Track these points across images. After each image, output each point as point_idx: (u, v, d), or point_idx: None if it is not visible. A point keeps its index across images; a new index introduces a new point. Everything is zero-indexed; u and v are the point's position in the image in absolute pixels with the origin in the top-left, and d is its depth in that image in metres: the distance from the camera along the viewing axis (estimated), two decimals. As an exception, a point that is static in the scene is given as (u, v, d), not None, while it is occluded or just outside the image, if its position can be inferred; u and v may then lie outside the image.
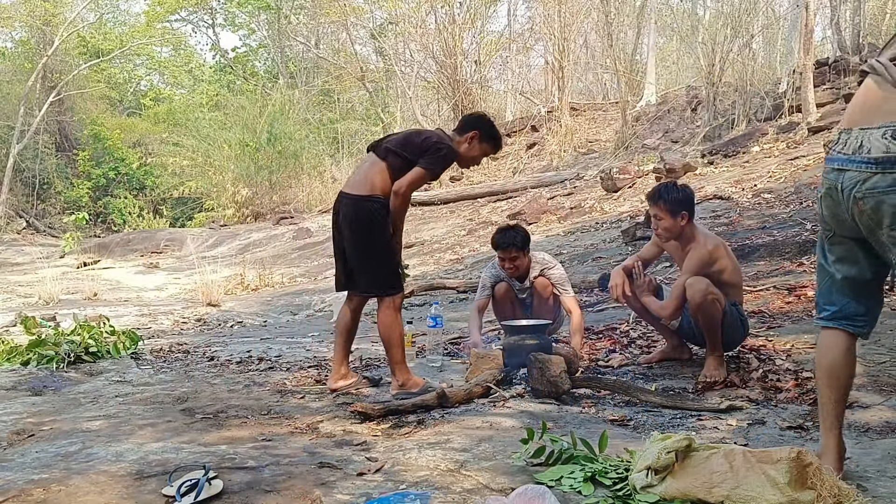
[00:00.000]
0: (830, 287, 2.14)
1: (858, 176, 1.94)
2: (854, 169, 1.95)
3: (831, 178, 2.02)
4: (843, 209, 2.00)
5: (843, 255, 2.10)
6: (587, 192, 13.09)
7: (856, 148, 1.95)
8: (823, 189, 2.07)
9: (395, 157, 3.31)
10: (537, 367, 3.29)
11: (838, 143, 2.03)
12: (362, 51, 24.33)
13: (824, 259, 2.15)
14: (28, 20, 25.25)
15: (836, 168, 2.01)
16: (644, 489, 1.97)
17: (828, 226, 2.10)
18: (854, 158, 1.95)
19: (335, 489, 2.10)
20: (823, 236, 2.15)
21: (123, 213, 23.80)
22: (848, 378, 2.15)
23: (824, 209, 2.08)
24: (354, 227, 3.30)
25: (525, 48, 21.91)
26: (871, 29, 15.66)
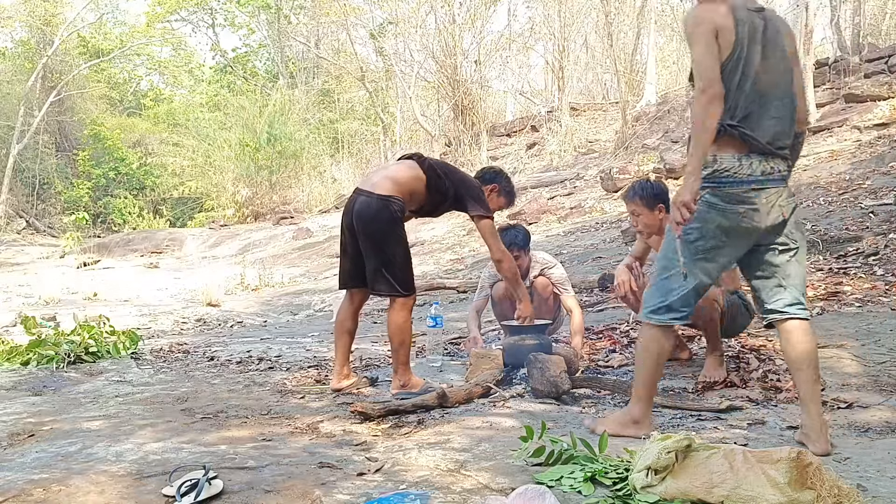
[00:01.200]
0: (693, 292, 2.53)
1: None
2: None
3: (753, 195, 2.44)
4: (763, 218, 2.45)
5: (725, 262, 2.55)
6: (587, 192, 13.10)
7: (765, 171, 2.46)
8: (745, 207, 2.44)
9: (437, 177, 3.42)
10: (537, 367, 3.29)
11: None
12: (362, 51, 24.33)
13: (698, 266, 2.51)
14: (28, 20, 25.26)
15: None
16: (644, 489, 1.97)
17: (722, 238, 2.49)
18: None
19: (335, 489, 2.10)
20: (709, 246, 2.49)
21: (123, 213, 23.79)
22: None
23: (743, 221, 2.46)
24: (374, 225, 3.29)
25: (525, 48, 21.89)
26: (871, 29, 15.67)
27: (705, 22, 2.44)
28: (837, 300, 4.59)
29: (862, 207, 6.84)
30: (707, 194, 2.47)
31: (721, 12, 2.45)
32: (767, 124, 2.45)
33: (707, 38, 2.42)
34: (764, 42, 2.47)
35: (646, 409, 2.64)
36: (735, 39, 2.43)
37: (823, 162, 9.66)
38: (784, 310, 2.52)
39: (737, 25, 2.44)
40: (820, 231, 6.36)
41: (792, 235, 2.52)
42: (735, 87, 2.43)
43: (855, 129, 10.73)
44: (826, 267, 5.45)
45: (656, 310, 2.58)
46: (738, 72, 2.43)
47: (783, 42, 2.52)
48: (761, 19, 2.49)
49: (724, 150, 2.44)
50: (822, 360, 3.45)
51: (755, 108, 2.45)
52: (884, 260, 5.30)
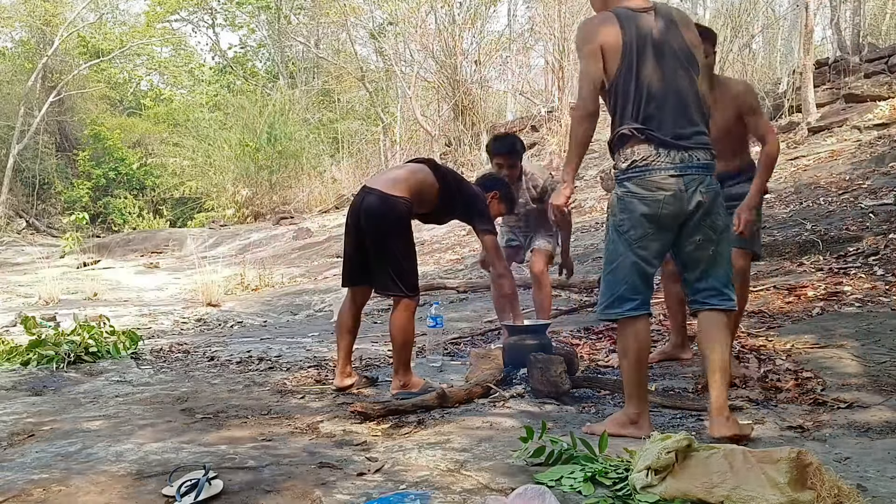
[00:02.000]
0: (639, 279, 2.60)
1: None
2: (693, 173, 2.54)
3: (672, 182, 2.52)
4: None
5: (659, 249, 2.61)
6: (587, 192, 13.09)
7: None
8: (664, 193, 2.52)
9: (449, 185, 3.49)
10: (537, 367, 3.29)
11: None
12: (362, 51, 24.29)
13: (635, 255, 2.59)
14: (28, 20, 25.22)
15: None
16: (644, 489, 1.97)
17: (648, 226, 2.57)
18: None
19: (335, 489, 2.10)
20: (639, 234, 2.57)
21: (123, 214, 23.77)
22: (648, 355, 2.76)
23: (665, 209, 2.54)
24: (381, 224, 3.30)
25: (525, 48, 21.88)
26: (871, 29, 15.66)
27: (589, 41, 2.59)
28: (837, 300, 4.59)
29: (862, 207, 6.84)
30: (628, 184, 2.57)
31: (606, 28, 2.57)
32: (671, 120, 2.53)
33: (589, 57, 2.59)
34: (656, 40, 2.55)
35: (640, 407, 2.64)
36: (623, 51, 2.53)
37: (823, 162, 9.65)
38: (707, 301, 2.62)
39: (623, 36, 2.53)
40: (820, 231, 6.36)
41: (714, 226, 2.58)
42: (632, 92, 2.55)
43: (855, 129, 10.72)
44: (826, 267, 5.45)
45: (609, 304, 2.65)
46: (631, 78, 2.54)
47: (678, 33, 2.59)
48: (651, 17, 2.57)
49: (639, 144, 2.54)
50: (823, 359, 3.47)
51: (654, 108, 2.54)
52: (884, 260, 5.30)
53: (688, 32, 2.64)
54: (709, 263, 2.61)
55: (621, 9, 2.60)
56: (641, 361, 2.65)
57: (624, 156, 2.58)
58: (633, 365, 2.64)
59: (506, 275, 3.65)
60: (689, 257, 2.63)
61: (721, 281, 2.62)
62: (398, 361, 3.34)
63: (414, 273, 3.38)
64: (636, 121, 2.55)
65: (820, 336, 3.88)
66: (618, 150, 2.62)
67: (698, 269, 2.62)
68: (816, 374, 3.29)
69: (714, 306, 2.61)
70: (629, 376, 2.66)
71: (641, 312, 2.63)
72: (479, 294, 7.20)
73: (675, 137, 2.52)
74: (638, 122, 2.54)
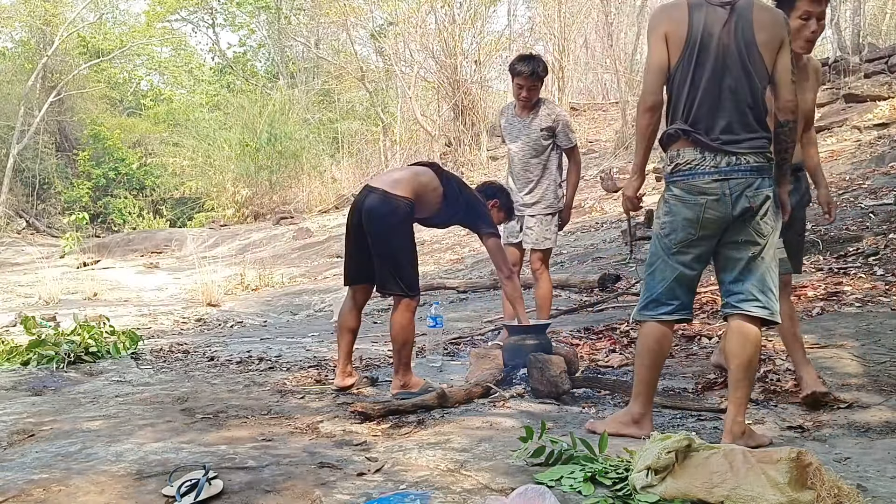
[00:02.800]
0: (677, 285, 2.55)
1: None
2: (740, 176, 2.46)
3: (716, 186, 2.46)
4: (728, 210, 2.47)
5: (700, 253, 2.54)
6: (587, 192, 13.08)
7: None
8: (707, 198, 2.46)
9: (454, 189, 3.51)
10: (537, 367, 3.29)
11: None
12: (362, 51, 24.29)
13: (675, 259, 2.55)
14: (28, 20, 25.22)
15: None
16: (644, 489, 1.97)
17: (690, 230, 2.51)
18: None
19: (335, 489, 2.10)
20: (680, 238, 2.52)
21: (123, 214, 23.76)
22: (666, 357, 2.75)
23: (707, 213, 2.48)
24: (383, 223, 3.30)
25: (525, 48, 21.87)
26: (871, 29, 15.66)
27: (656, 28, 2.53)
28: (837, 300, 4.59)
29: (862, 207, 6.84)
30: (673, 188, 2.52)
31: (674, 15, 2.49)
32: (723, 124, 2.45)
33: (654, 47, 2.52)
34: (722, 37, 2.44)
35: (645, 408, 2.63)
36: (686, 42, 2.46)
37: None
38: (737, 305, 2.51)
39: (690, 26, 2.45)
40: (820, 231, 6.36)
41: (760, 230, 2.48)
42: (686, 90, 2.48)
43: (855, 129, 10.72)
44: (826, 267, 5.45)
45: (645, 306, 2.62)
46: (688, 75, 2.47)
47: (750, 32, 2.46)
48: (725, 12, 2.46)
49: (685, 147, 2.49)
50: (822, 359, 3.47)
51: (706, 110, 2.46)
52: (884, 260, 5.30)
53: (763, 33, 2.46)
54: (747, 266, 2.50)
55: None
56: (657, 365, 2.63)
57: (670, 157, 2.53)
58: (648, 367, 2.62)
59: (511, 277, 3.67)
60: (727, 257, 2.54)
61: (758, 287, 2.49)
62: (398, 361, 3.34)
63: (415, 272, 3.38)
64: (686, 121, 2.48)
65: (820, 336, 3.88)
66: (666, 149, 2.56)
67: (735, 270, 2.52)
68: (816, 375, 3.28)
69: (747, 311, 2.48)
70: (641, 376, 2.64)
71: (676, 318, 2.58)
72: (479, 294, 7.20)
73: (724, 143, 2.44)
74: (687, 124, 2.48)
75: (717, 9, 2.46)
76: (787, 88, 2.52)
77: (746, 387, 2.49)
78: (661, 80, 2.52)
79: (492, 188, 4.01)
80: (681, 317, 2.60)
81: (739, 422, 2.46)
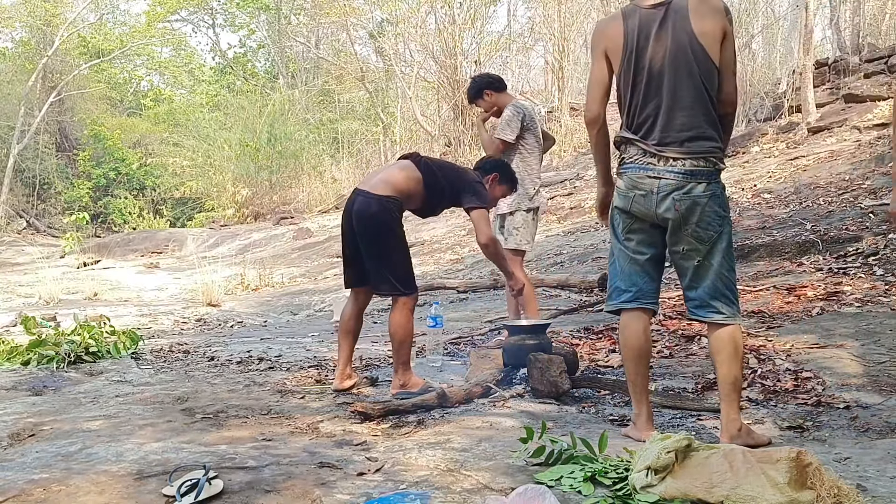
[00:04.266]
0: (632, 270, 2.59)
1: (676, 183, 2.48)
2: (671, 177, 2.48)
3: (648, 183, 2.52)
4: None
5: (643, 239, 2.58)
6: (587, 192, 13.08)
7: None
8: (637, 192, 2.53)
9: (432, 174, 3.46)
10: (537, 367, 3.29)
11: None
12: (362, 51, 24.31)
13: (625, 246, 2.61)
14: (28, 20, 25.24)
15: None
16: (644, 489, 1.97)
17: (626, 219, 2.59)
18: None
19: (335, 489, 2.10)
20: (622, 227, 2.61)
21: (124, 214, 23.77)
22: (649, 353, 2.71)
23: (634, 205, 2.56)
24: (372, 225, 3.31)
25: (525, 48, 21.89)
26: (870, 29, 15.65)
27: (596, 45, 2.59)
28: (837, 300, 4.59)
29: (862, 207, 6.84)
30: (618, 179, 2.62)
31: (610, 28, 2.55)
32: (663, 124, 2.48)
33: (595, 62, 2.59)
34: (657, 39, 2.46)
35: (637, 407, 2.62)
36: (623, 51, 2.50)
37: (823, 162, 9.66)
38: (695, 311, 2.56)
39: (625, 35, 2.49)
40: (820, 231, 6.36)
41: (699, 236, 2.47)
42: (628, 97, 2.53)
43: (855, 129, 10.72)
44: (826, 267, 5.45)
45: (609, 295, 2.68)
46: (628, 82, 2.52)
47: (687, 27, 2.43)
48: (660, 12, 2.46)
49: (630, 146, 2.56)
50: (822, 359, 3.47)
51: (646, 115, 2.51)
52: (884, 260, 5.30)
53: (702, 24, 2.43)
54: (696, 273, 2.51)
55: (631, 6, 2.53)
56: (633, 359, 2.60)
57: (619, 153, 2.63)
58: (626, 361, 2.65)
59: (489, 243, 3.49)
60: (677, 265, 2.59)
61: (710, 293, 2.49)
62: (397, 360, 3.34)
63: (409, 270, 3.38)
64: (629, 129, 2.55)
65: (820, 336, 3.88)
66: (618, 147, 2.66)
67: (686, 277, 2.55)
68: (816, 374, 3.29)
69: (704, 318, 2.53)
70: (627, 373, 2.66)
71: (635, 305, 2.59)
72: (479, 294, 7.20)
73: (662, 144, 2.47)
74: (630, 131, 2.55)
75: (651, 11, 2.48)
76: (729, 80, 2.55)
77: (734, 383, 2.49)
78: (600, 93, 2.59)
79: (490, 162, 3.90)
80: (643, 304, 2.60)
81: (734, 419, 2.47)
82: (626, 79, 2.52)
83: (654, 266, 2.63)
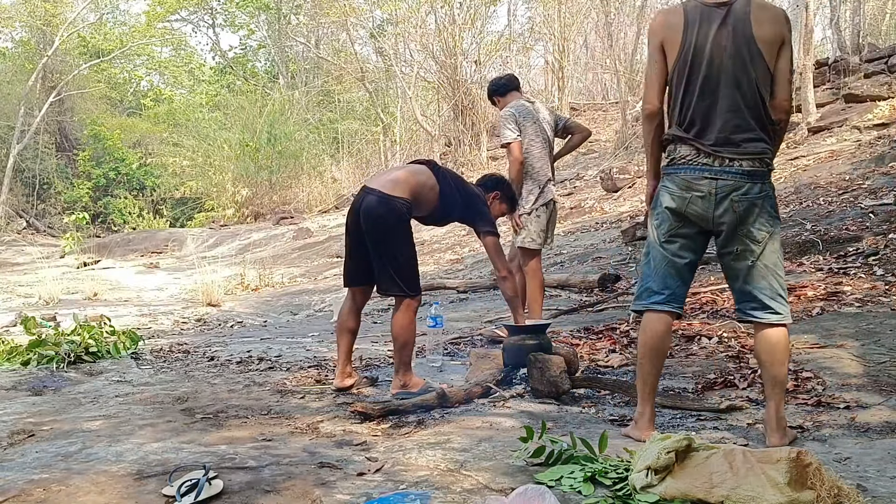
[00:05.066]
0: (668, 273, 2.57)
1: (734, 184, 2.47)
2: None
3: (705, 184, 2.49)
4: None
5: (687, 244, 2.57)
6: (587, 192, 13.10)
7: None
8: (693, 193, 2.50)
9: (449, 186, 3.50)
10: (537, 367, 3.29)
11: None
12: (362, 51, 24.32)
13: (665, 248, 2.57)
14: (28, 20, 25.24)
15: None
16: (644, 489, 1.97)
17: (675, 221, 2.56)
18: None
19: (335, 489, 2.10)
20: (667, 229, 2.57)
21: (123, 214, 23.78)
22: (665, 355, 2.70)
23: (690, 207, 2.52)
24: (381, 224, 3.30)
25: (525, 48, 21.90)
26: (871, 29, 15.66)
27: (654, 36, 2.56)
28: (837, 300, 4.59)
29: (862, 207, 6.84)
30: (666, 180, 2.57)
31: (670, 21, 2.52)
32: (717, 127, 2.46)
33: (652, 54, 2.56)
34: (718, 39, 2.44)
35: (643, 406, 2.61)
36: (681, 47, 2.47)
37: (823, 162, 9.66)
38: (750, 313, 2.55)
39: (685, 31, 2.46)
40: (820, 231, 6.36)
41: (753, 237, 2.48)
42: (682, 95, 2.51)
43: (855, 129, 10.72)
44: (826, 267, 5.45)
45: (639, 295, 2.65)
46: (683, 80, 2.49)
47: (749, 31, 2.44)
48: (722, 12, 2.45)
49: (682, 145, 2.53)
50: (822, 359, 3.47)
51: (700, 114, 2.49)
52: (884, 260, 5.30)
53: (762, 30, 2.44)
54: (750, 273, 2.51)
55: (693, 1, 2.49)
56: (651, 359, 2.58)
57: (667, 152, 2.59)
58: (641, 360, 2.61)
59: (508, 277, 3.61)
60: (729, 267, 2.56)
61: (767, 294, 2.50)
62: (398, 361, 3.34)
63: (415, 272, 3.38)
64: (680, 126, 2.52)
65: (820, 336, 3.88)
66: (665, 148, 2.61)
67: (739, 279, 2.53)
68: (816, 374, 3.29)
69: (759, 319, 2.51)
70: (638, 370, 2.64)
71: (666, 308, 2.57)
72: (479, 294, 7.20)
73: (718, 144, 2.46)
74: (682, 128, 2.52)
75: (713, 10, 2.46)
76: (783, 87, 2.53)
77: (784, 383, 2.55)
78: (661, 86, 2.56)
79: (492, 180, 3.94)
80: (672, 308, 2.58)
81: (782, 416, 2.51)
82: (681, 74, 2.49)
83: (690, 271, 2.63)
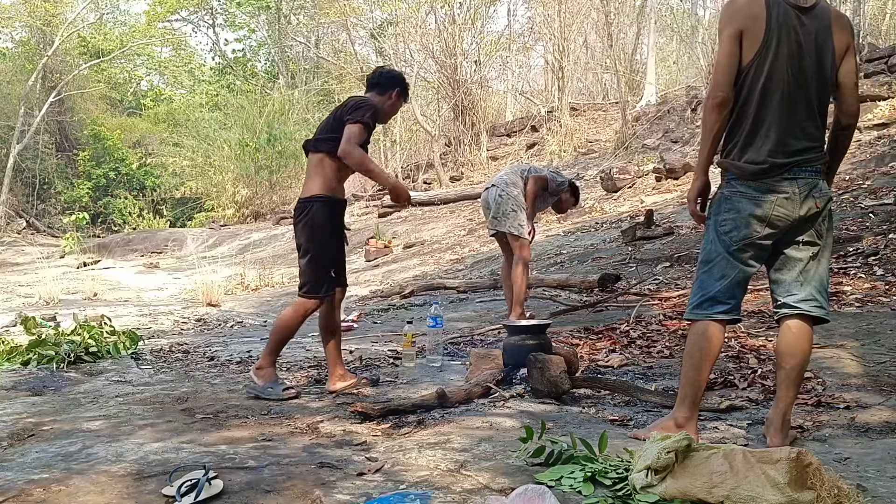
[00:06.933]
0: (735, 283, 2.48)
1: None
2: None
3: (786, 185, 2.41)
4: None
5: (759, 253, 2.48)
6: (587, 192, 13.09)
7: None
8: (777, 195, 2.41)
9: (326, 142, 3.41)
10: (537, 367, 3.29)
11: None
12: (362, 51, 24.34)
13: (736, 257, 2.47)
14: (28, 20, 25.26)
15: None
16: (644, 489, 1.97)
17: (756, 227, 2.44)
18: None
19: (335, 489, 2.10)
20: (742, 236, 2.45)
21: (123, 214, 23.80)
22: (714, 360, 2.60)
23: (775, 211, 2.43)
24: (296, 228, 3.49)
25: (525, 48, 21.90)
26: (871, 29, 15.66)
27: (731, 22, 2.40)
28: (837, 300, 4.59)
29: (862, 207, 6.84)
30: (739, 186, 2.44)
31: (753, 11, 2.38)
32: (791, 127, 2.40)
33: (728, 42, 2.39)
34: (799, 40, 2.37)
35: (691, 412, 2.54)
36: (763, 42, 2.36)
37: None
38: (796, 304, 2.47)
39: (768, 26, 2.36)
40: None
41: (820, 232, 2.46)
42: (757, 90, 2.40)
43: (855, 129, 10.71)
44: (826, 267, 5.45)
45: (699, 304, 2.51)
46: (760, 75, 2.38)
47: (829, 38, 2.40)
48: (805, 15, 2.38)
49: (751, 147, 2.43)
50: (822, 359, 3.47)
51: (776, 112, 2.40)
52: (884, 260, 5.30)
53: (838, 36, 2.42)
54: (807, 266, 2.47)
55: None
56: (706, 366, 2.51)
57: (733, 156, 2.47)
58: (698, 367, 2.50)
59: (345, 155, 3.26)
60: (788, 257, 2.49)
61: (818, 288, 2.48)
62: (268, 348, 3.47)
63: (316, 273, 3.41)
64: (753, 121, 2.43)
65: (820, 336, 3.87)
66: (729, 147, 2.49)
67: (795, 269, 2.48)
68: (816, 374, 3.29)
69: (808, 311, 2.46)
70: (689, 377, 2.52)
71: (730, 317, 2.50)
72: (479, 294, 7.20)
73: (783, 144, 2.40)
74: (751, 124, 2.43)
75: (797, 10, 2.38)
76: (852, 94, 2.51)
77: (799, 384, 2.51)
78: (732, 78, 2.42)
79: (388, 77, 3.74)
80: (734, 317, 2.51)
81: (788, 420, 2.48)
82: (759, 70, 2.38)
83: (749, 280, 2.57)
